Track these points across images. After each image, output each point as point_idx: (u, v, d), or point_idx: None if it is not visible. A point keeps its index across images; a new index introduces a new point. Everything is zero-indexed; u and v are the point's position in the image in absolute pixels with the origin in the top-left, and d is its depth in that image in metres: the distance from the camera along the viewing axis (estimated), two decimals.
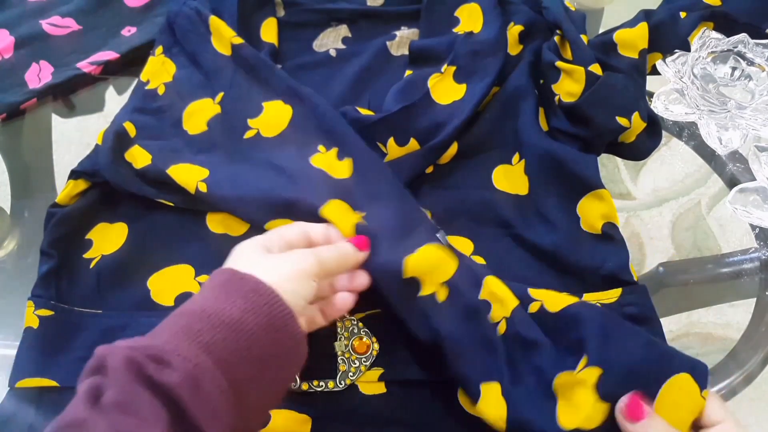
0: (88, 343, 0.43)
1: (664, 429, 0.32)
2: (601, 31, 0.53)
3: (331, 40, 0.59)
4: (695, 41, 0.51)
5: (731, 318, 0.48)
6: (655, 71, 0.53)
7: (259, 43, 0.57)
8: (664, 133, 0.49)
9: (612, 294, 0.42)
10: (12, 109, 0.58)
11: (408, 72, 0.52)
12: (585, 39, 0.50)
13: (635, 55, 0.50)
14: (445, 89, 0.49)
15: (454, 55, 0.50)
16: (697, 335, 0.48)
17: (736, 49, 0.51)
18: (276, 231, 0.38)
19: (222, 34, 0.54)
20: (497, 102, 0.50)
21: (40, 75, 0.59)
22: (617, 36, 0.50)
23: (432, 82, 0.49)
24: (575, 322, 0.37)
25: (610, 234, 0.44)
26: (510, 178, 0.48)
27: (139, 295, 0.45)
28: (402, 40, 0.58)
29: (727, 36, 0.51)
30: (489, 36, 0.51)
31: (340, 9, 0.60)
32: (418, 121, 0.47)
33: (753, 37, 0.51)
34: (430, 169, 0.49)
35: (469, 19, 0.54)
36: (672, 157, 0.55)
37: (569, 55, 0.49)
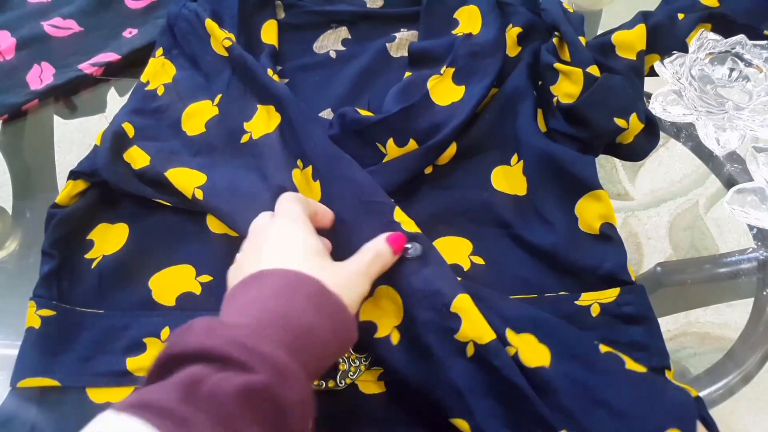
0: (89, 343, 0.43)
1: None
2: (600, 33, 0.53)
3: (331, 41, 0.59)
4: (693, 42, 0.52)
5: (729, 318, 0.48)
6: (653, 72, 0.53)
7: (260, 45, 0.57)
8: (662, 134, 0.49)
9: (610, 293, 0.42)
10: (13, 110, 0.58)
11: (407, 73, 0.52)
12: (583, 40, 0.50)
13: (633, 57, 0.50)
14: (445, 90, 0.49)
15: (453, 57, 0.50)
16: (695, 335, 0.48)
17: (733, 51, 0.51)
18: (312, 230, 0.38)
19: (216, 36, 0.54)
20: (496, 103, 0.50)
21: (41, 76, 0.60)
22: (615, 37, 0.50)
23: (431, 83, 0.49)
24: (548, 389, 0.36)
25: (608, 234, 0.44)
26: (509, 178, 0.48)
27: (141, 295, 0.45)
28: (401, 41, 0.58)
29: (725, 37, 0.51)
30: (488, 38, 0.52)
31: (340, 11, 0.60)
32: (417, 122, 0.47)
33: (751, 39, 0.51)
34: (429, 170, 0.49)
35: (468, 21, 0.54)
36: (670, 158, 0.55)
37: (567, 57, 0.49)
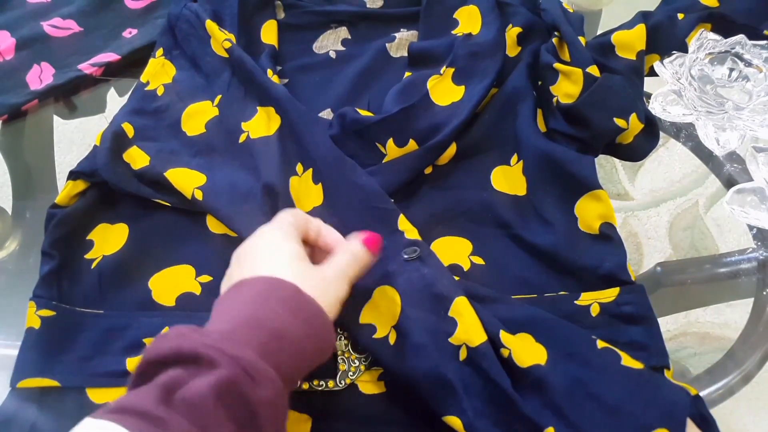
0: (89, 343, 0.43)
1: None
2: (599, 33, 0.53)
3: (331, 41, 0.59)
4: (693, 42, 0.52)
5: (729, 318, 0.48)
6: (653, 72, 0.53)
7: (260, 45, 0.57)
8: (661, 134, 0.49)
9: (610, 293, 0.42)
10: (13, 111, 0.58)
11: (407, 73, 0.52)
12: (583, 41, 0.50)
13: (633, 57, 0.50)
14: (444, 91, 0.49)
15: (453, 57, 0.50)
16: (695, 335, 0.48)
17: (733, 51, 0.51)
18: (296, 237, 0.38)
19: (216, 37, 0.54)
20: (496, 103, 0.50)
21: (41, 76, 0.60)
22: (615, 38, 0.50)
23: (431, 83, 0.49)
24: (541, 386, 0.36)
25: (607, 234, 0.44)
26: (508, 178, 0.48)
27: (141, 296, 0.45)
28: (401, 41, 0.58)
29: (725, 37, 0.51)
30: (488, 38, 0.52)
31: (339, 11, 0.60)
32: (417, 123, 0.47)
33: (750, 39, 0.51)
34: (429, 170, 0.49)
35: (468, 21, 0.54)
36: (669, 158, 0.55)
37: (567, 57, 0.50)
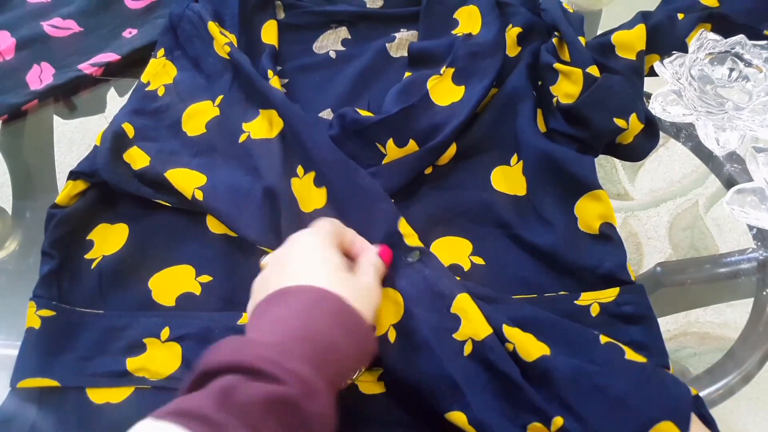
0: (89, 344, 0.43)
1: None
2: (599, 33, 0.53)
3: (331, 41, 0.59)
4: (693, 43, 0.52)
5: (729, 318, 0.48)
6: (653, 73, 0.53)
7: (260, 45, 0.57)
8: (661, 134, 0.49)
9: (610, 293, 0.42)
10: (13, 111, 0.58)
11: (407, 73, 0.52)
12: (583, 41, 0.50)
13: (633, 57, 0.50)
14: (444, 91, 0.49)
15: (452, 57, 0.50)
16: (695, 335, 0.48)
17: (733, 51, 0.51)
18: (334, 245, 0.39)
19: (217, 40, 0.54)
20: (496, 103, 0.50)
21: (41, 76, 0.60)
22: (615, 38, 0.50)
23: (431, 83, 0.49)
24: (547, 379, 0.36)
25: (607, 234, 0.44)
26: (508, 178, 0.48)
27: (141, 296, 0.45)
28: (401, 41, 0.58)
29: (725, 37, 0.51)
30: (487, 38, 0.52)
31: (339, 11, 0.60)
32: (417, 123, 0.47)
33: (750, 39, 0.51)
34: (429, 170, 0.49)
35: (468, 21, 0.54)
36: (669, 158, 0.55)
37: (567, 57, 0.49)
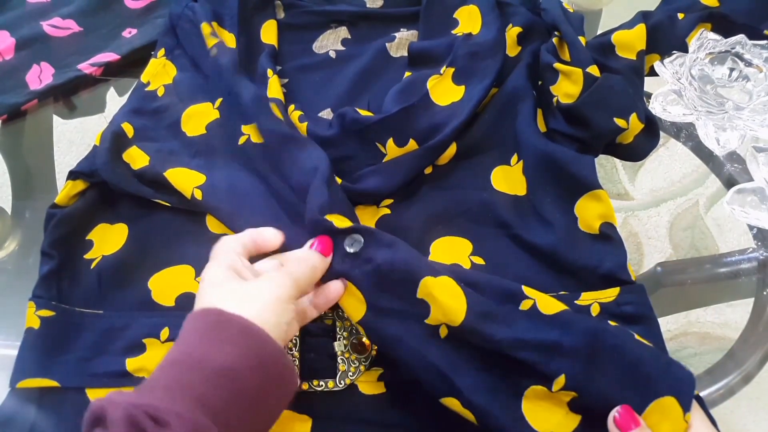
0: (89, 344, 0.43)
1: None
2: (599, 33, 0.53)
3: (331, 41, 0.59)
4: (693, 42, 0.52)
5: (729, 317, 0.48)
6: (653, 72, 0.53)
7: (260, 45, 0.57)
8: (662, 134, 0.49)
9: (610, 293, 0.42)
10: (13, 111, 0.58)
11: (407, 73, 0.52)
12: (583, 40, 0.50)
13: (633, 57, 0.50)
14: (444, 90, 0.49)
15: (452, 57, 0.50)
16: (695, 335, 0.48)
17: (733, 50, 0.51)
18: (234, 249, 0.37)
19: (208, 42, 0.54)
20: (496, 103, 0.50)
21: (40, 76, 0.60)
22: (615, 37, 0.50)
23: (431, 83, 0.49)
24: (563, 331, 0.36)
25: (608, 234, 0.44)
26: (508, 178, 0.48)
27: (140, 296, 0.45)
28: (401, 41, 0.58)
29: (725, 37, 0.51)
30: (488, 37, 0.51)
31: (339, 11, 0.60)
32: (417, 122, 0.47)
33: (751, 38, 0.51)
34: (429, 170, 0.49)
35: (468, 21, 0.54)
36: (670, 158, 0.55)
37: (567, 57, 0.49)
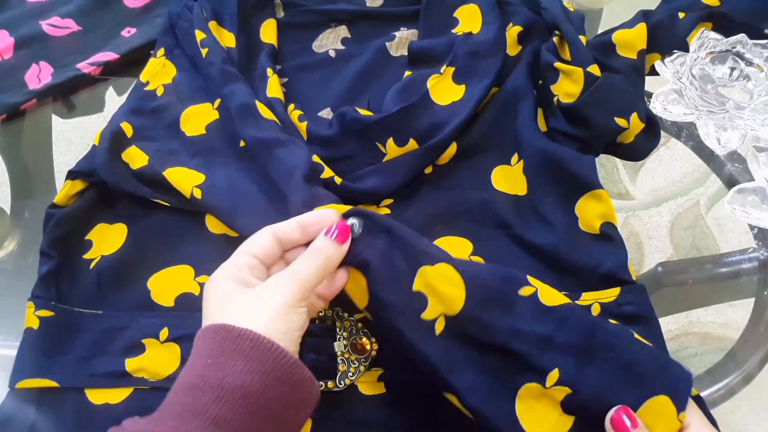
0: (88, 344, 0.43)
1: None
2: (600, 32, 0.53)
3: (331, 40, 0.59)
4: (694, 42, 0.52)
5: (730, 317, 0.48)
6: (654, 72, 0.53)
7: (259, 44, 0.57)
8: (662, 134, 0.49)
9: (610, 293, 0.42)
10: (12, 110, 0.58)
11: (407, 72, 0.52)
12: (584, 40, 0.50)
13: (634, 56, 0.50)
14: (444, 90, 0.49)
15: (453, 56, 0.50)
16: (696, 335, 0.48)
17: (734, 50, 0.51)
18: (244, 253, 0.35)
19: (200, 44, 0.54)
20: (496, 103, 0.50)
21: (39, 76, 0.60)
22: (616, 37, 0.50)
23: (431, 82, 0.49)
24: (559, 325, 0.35)
25: (608, 234, 0.44)
26: (509, 178, 0.48)
27: (140, 296, 0.45)
28: (401, 40, 0.58)
29: (726, 36, 0.51)
30: (488, 37, 0.51)
31: (339, 10, 0.60)
32: (417, 122, 0.47)
33: (751, 38, 0.51)
34: (429, 170, 0.49)
35: (468, 20, 0.54)
36: (671, 158, 0.55)
37: (568, 56, 0.49)
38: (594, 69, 0.47)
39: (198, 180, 0.47)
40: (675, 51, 0.52)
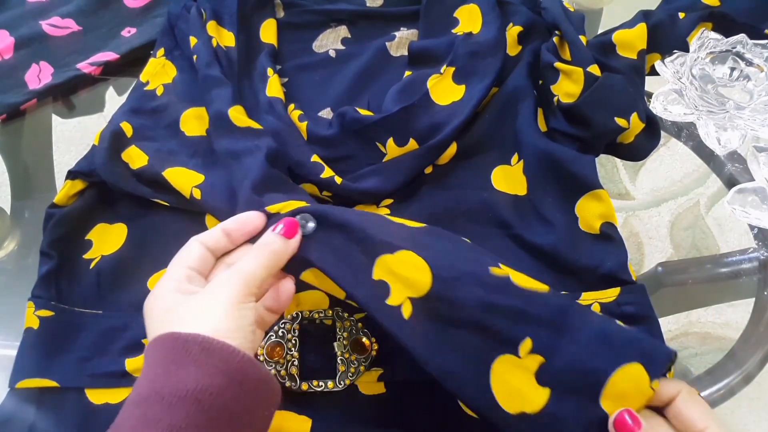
0: (88, 344, 0.43)
1: None
2: (600, 32, 0.53)
3: (331, 40, 0.59)
4: (694, 42, 0.52)
5: (730, 318, 0.48)
6: (654, 72, 0.53)
7: (259, 44, 0.57)
8: (662, 134, 0.49)
9: (610, 293, 0.42)
10: (12, 110, 0.58)
11: (407, 72, 0.52)
12: (584, 40, 0.50)
13: (634, 56, 0.50)
14: (445, 90, 0.49)
15: (453, 56, 0.50)
16: (696, 335, 0.48)
17: (734, 50, 0.51)
18: (179, 266, 0.35)
19: (193, 46, 0.54)
20: (496, 103, 0.50)
21: (40, 76, 0.60)
22: (616, 37, 0.50)
23: (431, 82, 0.49)
24: (532, 301, 0.34)
25: (608, 234, 0.44)
26: (509, 178, 0.48)
27: (140, 296, 0.44)
28: (401, 40, 0.58)
29: (726, 36, 0.51)
30: (488, 37, 0.51)
31: (339, 10, 0.60)
32: (417, 122, 0.47)
33: (752, 38, 0.51)
34: (429, 170, 0.49)
35: (468, 20, 0.54)
36: (671, 158, 0.55)
37: (568, 56, 0.49)
38: (594, 69, 0.47)
39: (197, 180, 0.47)
40: (675, 51, 0.52)
